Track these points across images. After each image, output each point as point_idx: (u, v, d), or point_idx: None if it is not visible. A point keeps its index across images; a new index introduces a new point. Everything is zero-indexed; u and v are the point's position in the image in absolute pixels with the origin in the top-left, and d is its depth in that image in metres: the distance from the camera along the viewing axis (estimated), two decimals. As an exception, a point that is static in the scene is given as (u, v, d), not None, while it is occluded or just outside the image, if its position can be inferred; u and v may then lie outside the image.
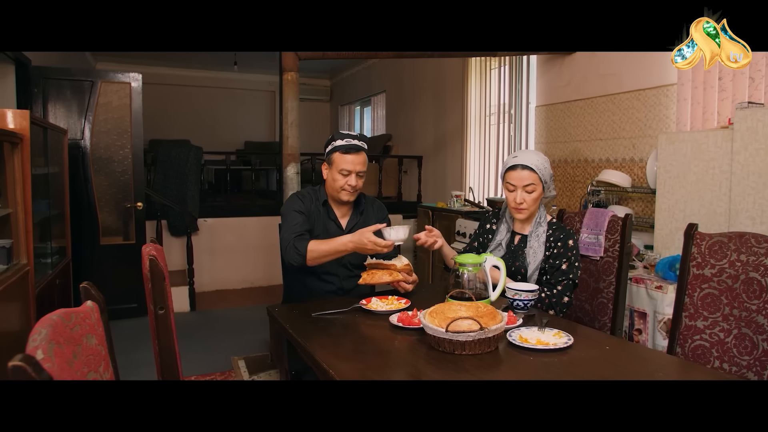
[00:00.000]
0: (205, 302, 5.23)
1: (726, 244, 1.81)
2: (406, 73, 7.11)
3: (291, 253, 2.12)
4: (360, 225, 2.36)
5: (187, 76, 9.40)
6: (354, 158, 2.25)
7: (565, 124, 4.16)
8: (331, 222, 2.35)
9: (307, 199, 2.34)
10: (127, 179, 4.50)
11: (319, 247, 2.10)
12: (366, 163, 2.30)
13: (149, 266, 1.31)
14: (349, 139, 2.27)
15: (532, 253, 2.11)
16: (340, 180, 2.25)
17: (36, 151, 2.92)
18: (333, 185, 2.28)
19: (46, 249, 3.14)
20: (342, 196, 2.28)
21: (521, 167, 2.07)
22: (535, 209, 2.13)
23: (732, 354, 1.76)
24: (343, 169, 2.24)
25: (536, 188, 2.08)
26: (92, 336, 0.97)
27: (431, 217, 5.10)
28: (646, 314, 2.64)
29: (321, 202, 2.35)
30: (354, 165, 2.24)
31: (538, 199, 2.10)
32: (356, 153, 2.25)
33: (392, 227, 2.05)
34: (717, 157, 2.54)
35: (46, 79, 4.23)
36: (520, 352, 1.50)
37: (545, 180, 2.09)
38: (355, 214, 2.40)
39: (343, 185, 2.25)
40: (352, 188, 2.27)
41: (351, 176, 2.25)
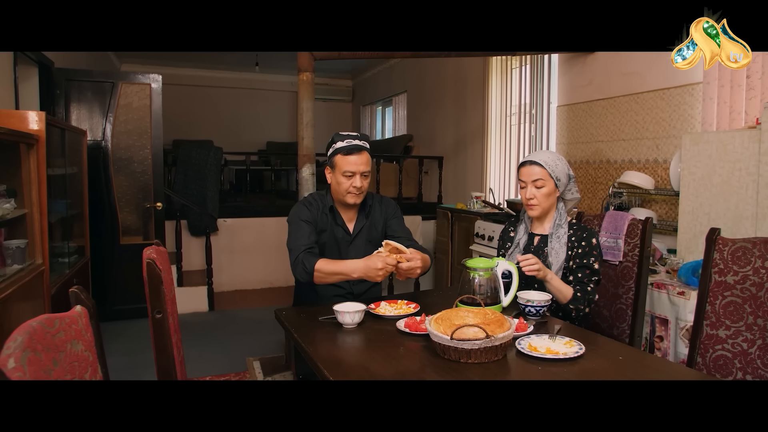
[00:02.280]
0: (224, 302, 5.26)
1: (750, 250, 1.72)
2: (427, 73, 7.05)
3: (299, 268, 2.07)
4: (367, 228, 2.32)
5: (211, 77, 9.49)
6: (357, 158, 2.17)
7: (587, 125, 4.07)
8: (339, 227, 2.29)
9: (313, 207, 2.27)
10: (147, 179, 4.55)
11: (326, 267, 2.04)
12: (370, 163, 2.23)
13: (146, 270, 1.30)
14: (349, 139, 2.19)
15: (554, 254, 2.07)
16: (345, 183, 2.18)
17: (54, 152, 2.96)
18: (338, 189, 2.22)
19: (63, 248, 3.18)
20: (348, 200, 2.21)
21: (530, 163, 2.08)
22: (548, 207, 2.09)
23: (756, 366, 1.67)
24: (346, 171, 2.17)
25: (546, 184, 2.05)
26: (78, 342, 0.95)
27: (450, 219, 5.04)
28: (668, 321, 2.55)
29: (327, 207, 2.28)
30: (357, 166, 2.17)
31: (549, 195, 2.06)
32: (359, 153, 2.18)
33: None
34: (743, 158, 2.44)
35: (69, 80, 4.30)
36: (528, 362, 1.44)
37: (556, 176, 2.04)
38: (361, 217, 2.33)
39: (348, 188, 2.19)
40: (358, 190, 2.20)
41: (355, 177, 2.18)
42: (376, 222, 2.35)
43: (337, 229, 2.28)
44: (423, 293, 2.19)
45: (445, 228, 5.15)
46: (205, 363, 3.63)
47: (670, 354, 2.53)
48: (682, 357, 2.38)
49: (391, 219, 2.38)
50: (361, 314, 1.78)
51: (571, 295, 1.98)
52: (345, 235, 2.30)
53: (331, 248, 2.28)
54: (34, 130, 2.50)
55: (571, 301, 1.97)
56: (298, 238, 2.15)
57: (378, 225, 2.36)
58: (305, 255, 2.08)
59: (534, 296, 1.83)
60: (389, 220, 2.37)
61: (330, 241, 2.26)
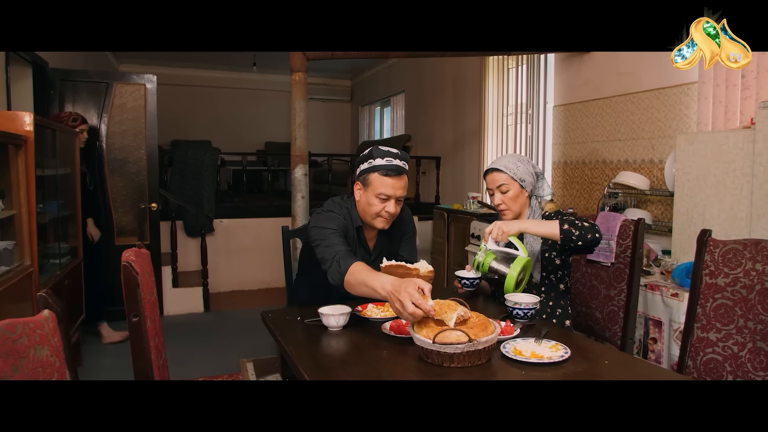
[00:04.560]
0: (220, 303, 5.25)
1: (741, 252, 1.70)
2: (425, 74, 7.03)
3: (333, 267, 1.82)
4: (387, 247, 2.17)
5: (210, 77, 9.47)
6: (395, 182, 1.95)
7: (582, 124, 4.04)
8: (362, 249, 2.12)
9: (344, 219, 2.04)
10: (142, 180, 4.53)
11: (360, 274, 1.73)
12: (407, 187, 2.02)
13: (123, 273, 1.28)
14: (390, 158, 1.97)
15: (528, 247, 2.05)
16: (377, 206, 1.97)
17: (45, 152, 2.95)
18: (367, 210, 2.01)
19: (55, 250, 3.16)
20: (377, 224, 2.02)
21: (491, 171, 2.09)
22: (518, 208, 2.09)
23: (746, 369, 1.65)
24: (381, 194, 1.95)
25: (510, 187, 2.05)
26: (44, 347, 0.93)
27: (446, 220, 5.02)
28: (661, 323, 2.52)
29: (355, 227, 2.07)
30: (395, 190, 1.96)
31: (516, 197, 2.06)
32: (398, 176, 1.96)
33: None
34: (738, 158, 2.41)
35: (63, 81, 4.29)
36: (512, 366, 1.42)
37: (520, 178, 2.04)
38: (382, 235, 2.16)
39: (380, 212, 1.98)
40: (390, 215, 2.00)
41: (390, 202, 1.97)
42: (393, 240, 2.21)
43: (359, 249, 2.11)
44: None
45: (441, 228, 5.12)
46: (198, 364, 3.62)
47: (663, 356, 2.51)
48: (675, 359, 2.36)
49: (404, 237, 2.25)
50: (347, 317, 1.75)
51: (557, 225, 1.87)
52: (365, 255, 2.13)
53: None
54: (21, 130, 2.48)
55: (563, 230, 1.86)
56: (336, 244, 1.90)
57: (395, 241, 2.22)
58: (344, 254, 1.84)
59: (522, 299, 1.81)
60: (402, 237, 2.24)
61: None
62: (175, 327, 4.47)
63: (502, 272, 1.90)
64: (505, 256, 1.92)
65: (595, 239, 1.84)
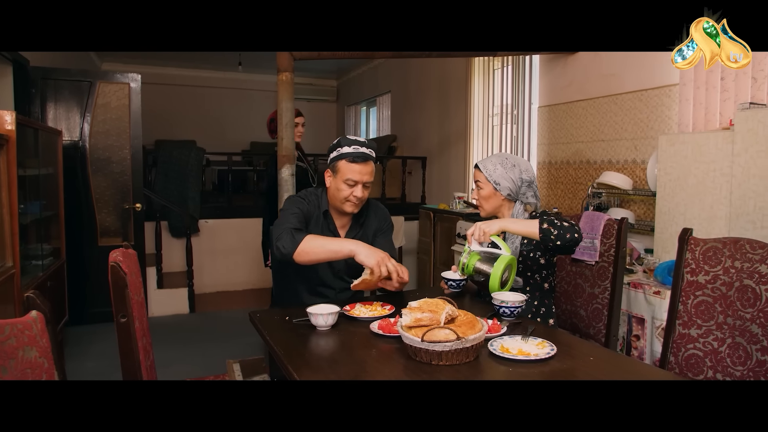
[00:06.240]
0: (206, 304, 5.22)
1: (720, 250, 1.73)
2: (411, 74, 7.05)
3: (284, 238, 1.96)
4: (359, 238, 2.22)
5: (195, 77, 9.40)
6: (362, 168, 2.09)
7: (567, 125, 4.09)
8: (330, 233, 2.21)
9: (310, 204, 2.19)
10: (126, 180, 4.49)
11: (317, 240, 1.97)
12: (374, 173, 2.15)
13: (111, 273, 1.27)
14: (357, 146, 2.10)
15: (510, 243, 2.08)
16: (345, 190, 2.10)
17: (27, 152, 2.91)
18: (337, 195, 2.13)
19: (38, 251, 3.13)
20: (346, 208, 2.14)
21: (475, 166, 2.16)
22: (491, 208, 2.13)
23: (725, 364, 1.69)
24: (349, 179, 2.08)
25: (484, 187, 2.11)
26: (32, 348, 0.93)
27: (432, 219, 5.04)
28: (644, 320, 2.56)
29: (322, 211, 2.20)
30: (362, 175, 2.09)
31: (488, 198, 2.11)
32: (364, 162, 2.09)
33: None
34: (718, 159, 2.46)
35: (45, 79, 4.24)
36: (499, 363, 1.44)
37: (494, 180, 2.08)
38: (355, 225, 2.27)
39: (348, 196, 2.11)
40: (358, 200, 2.13)
41: (357, 187, 2.10)
42: (367, 232, 2.28)
43: (327, 234, 2.20)
44: (405, 294, 2.18)
45: (427, 228, 5.15)
46: (184, 366, 3.59)
47: (646, 352, 2.55)
48: (658, 356, 2.40)
49: (380, 233, 2.31)
50: (335, 316, 1.76)
51: (536, 224, 1.88)
52: None
53: None
54: (2, 130, 2.45)
55: (542, 229, 1.86)
56: (289, 221, 2.05)
57: (369, 235, 2.29)
58: (295, 231, 1.99)
59: (508, 297, 1.83)
60: (378, 233, 2.31)
61: None
62: (160, 328, 4.43)
63: (486, 272, 1.92)
64: (489, 256, 1.95)
65: (574, 239, 1.84)
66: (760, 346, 1.60)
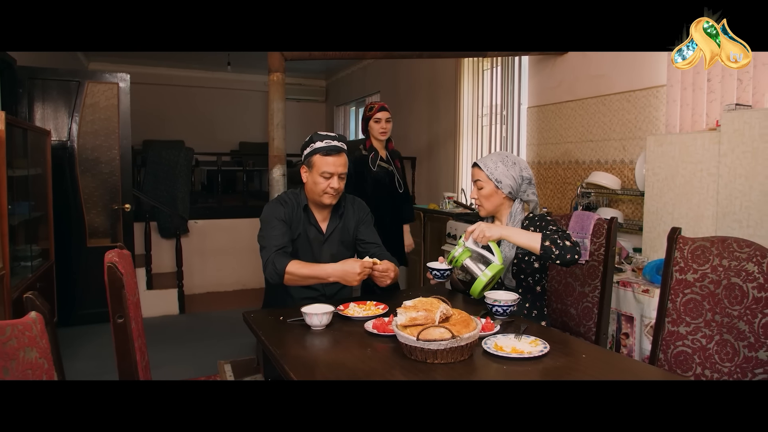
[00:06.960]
0: (196, 305, 5.19)
1: (708, 249, 1.77)
2: (401, 75, 7.06)
3: (269, 269, 2.09)
4: (340, 230, 2.33)
5: (184, 77, 9.33)
6: (335, 160, 2.19)
7: (556, 126, 4.12)
8: (312, 227, 2.31)
9: (288, 205, 2.28)
10: (114, 180, 4.46)
11: (299, 270, 2.06)
12: (347, 164, 2.26)
13: (107, 274, 1.27)
14: (329, 140, 2.20)
15: (506, 244, 2.10)
16: (322, 183, 2.19)
17: (16, 152, 2.89)
18: (314, 189, 2.22)
19: (26, 252, 3.10)
20: (324, 200, 2.23)
21: (474, 165, 2.16)
22: (492, 207, 2.14)
23: (714, 360, 1.72)
24: (324, 172, 2.18)
25: (485, 185, 2.11)
26: (32, 349, 0.93)
27: (423, 219, 5.06)
28: (633, 318, 2.60)
29: (302, 206, 2.29)
30: (336, 167, 2.19)
31: (490, 196, 2.11)
32: (337, 154, 2.19)
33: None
34: (705, 159, 2.50)
35: (32, 79, 4.20)
36: (494, 361, 1.46)
37: (496, 179, 2.09)
38: (334, 217, 2.35)
39: (326, 188, 2.20)
40: (335, 191, 2.22)
41: (333, 179, 2.19)
42: (348, 224, 2.37)
43: (310, 228, 2.30)
44: (396, 293, 2.20)
45: (417, 228, 5.16)
46: (175, 367, 3.58)
47: (635, 350, 2.58)
48: (647, 353, 2.44)
49: (361, 224, 2.40)
50: (329, 316, 1.77)
51: (539, 239, 1.89)
52: (318, 235, 2.31)
53: (304, 247, 2.28)
54: (-7, 130, 2.43)
55: (543, 246, 1.88)
56: (272, 237, 2.16)
57: (350, 227, 2.37)
58: (276, 255, 2.10)
59: (501, 296, 1.85)
60: (360, 224, 2.39)
61: (303, 240, 2.26)
62: (151, 329, 4.39)
63: (473, 272, 1.94)
64: (481, 257, 1.96)
65: (574, 260, 1.87)
66: (747, 342, 1.63)
